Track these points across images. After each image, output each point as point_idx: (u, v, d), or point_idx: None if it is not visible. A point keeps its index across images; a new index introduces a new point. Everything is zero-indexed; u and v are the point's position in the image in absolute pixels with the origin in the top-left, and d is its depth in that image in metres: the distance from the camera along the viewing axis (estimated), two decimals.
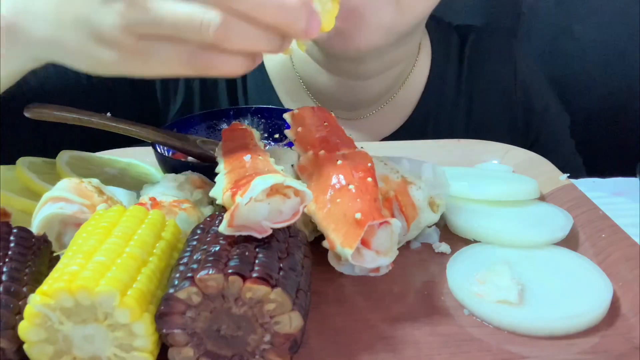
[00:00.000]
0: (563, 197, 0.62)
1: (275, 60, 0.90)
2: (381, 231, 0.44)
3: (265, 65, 0.90)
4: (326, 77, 0.85)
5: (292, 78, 0.89)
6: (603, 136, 1.28)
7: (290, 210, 0.42)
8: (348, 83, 0.85)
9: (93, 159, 0.67)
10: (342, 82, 0.85)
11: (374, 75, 0.84)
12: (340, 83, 0.85)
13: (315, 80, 0.87)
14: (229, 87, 0.91)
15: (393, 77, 0.87)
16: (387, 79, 0.86)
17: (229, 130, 0.59)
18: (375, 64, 0.81)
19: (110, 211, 0.44)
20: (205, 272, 0.36)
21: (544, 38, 1.29)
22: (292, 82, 0.89)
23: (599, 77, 1.28)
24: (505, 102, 0.94)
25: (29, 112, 0.56)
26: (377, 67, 0.82)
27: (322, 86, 0.87)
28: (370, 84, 0.85)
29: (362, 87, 0.85)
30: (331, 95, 0.87)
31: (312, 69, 0.86)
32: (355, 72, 0.82)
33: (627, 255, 0.50)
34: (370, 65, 0.81)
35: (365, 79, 0.84)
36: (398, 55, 0.83)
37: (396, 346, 0.42)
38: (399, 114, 0.91)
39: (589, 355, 0.41)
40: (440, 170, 0.57)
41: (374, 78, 0.84)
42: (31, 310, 0.35)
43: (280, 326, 0.37)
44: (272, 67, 0.90)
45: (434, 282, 0.50)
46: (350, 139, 0.55)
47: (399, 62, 0.86)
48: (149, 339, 0.36)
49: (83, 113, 0.59)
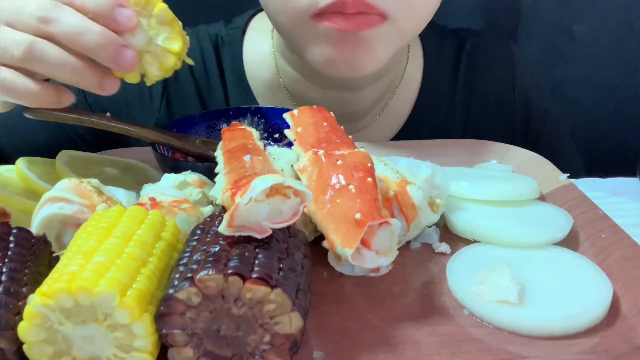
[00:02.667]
0: (563, 197, 0.62)
1: (261, 79, 0.88)
2: (381, 231, 0.44)
3: (250, 83, 0.88)
4: (317, 92, 0.84)
5: (280, 95, 0.88)
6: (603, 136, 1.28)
7: (290, 210, 0.42)
8: (339, 95, 0.83)
9: (93, 159, 0.67)
10: (333, 95, 0.83)
11: (365, 86, 0.83)
12: (331, 96, 0.83)
13: (305, 96, 0.85)
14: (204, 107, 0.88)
15: (384, 86, 0.86)
16: (378, 88, 0.85)
17: (228, 130, 0.59)
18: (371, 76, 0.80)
19: (110, 211, 0.44)
20: (205, 272, 0.36)
21: (544, 38, 1.29)
22: (280, 99, 0.87)
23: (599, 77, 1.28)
24: (504, 107, 0.93)
25: (29, 112, 0.56)
26: (370, 78, 0.81)
27: (314, 101, 0.84)
28: (362, 94, 0.84)
29: (353, 99, 0.84)
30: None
31: (302, 86, 0.85)
32: (346, 84, 0.81)
33: (627, 255, 0.50)
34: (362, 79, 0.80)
35: (356, 90, 0.83)
36: (389, 64, 0.82)
37: (396, 346, 0.42)
38: (392, 123, 0.90)
39: (589, 355, 0.41)
40: (440, 170, 0.57)
41: (365, 89, 0.83)
42: (31, 311, 0.35)
43: (280, 326, 0.37)
44: (256, 85, 0.88)
45: (434, 282, 0.50)
46: (350, 139, 0.55)
47: (389, 70, 0.85)
48: (148, 339, 0.36)
49: (83, 113, 0.59)
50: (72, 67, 0.51)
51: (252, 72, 0.88)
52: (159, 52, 0.55)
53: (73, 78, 0.52)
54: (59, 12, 0.50)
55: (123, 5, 0.52)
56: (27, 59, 0.50)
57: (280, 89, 0.87)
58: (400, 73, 0.89)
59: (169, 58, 0.56)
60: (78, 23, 0.50)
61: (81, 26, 0.50)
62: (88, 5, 0.51)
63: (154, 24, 0.54)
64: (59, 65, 0.51)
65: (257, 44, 0.89)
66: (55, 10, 0.50)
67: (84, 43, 0.50)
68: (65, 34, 0.50)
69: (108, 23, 0.51)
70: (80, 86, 0.53)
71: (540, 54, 1.29)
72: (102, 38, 0.50)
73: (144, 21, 0.54)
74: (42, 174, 0.58)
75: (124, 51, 0.51)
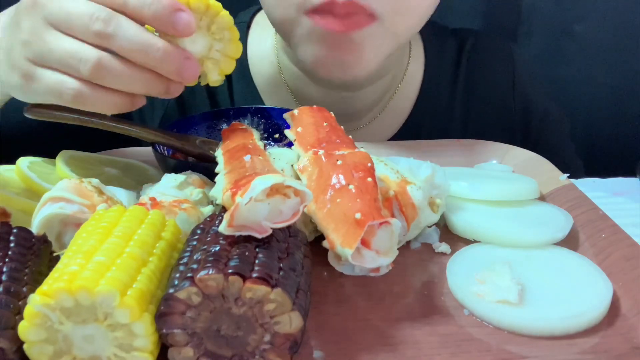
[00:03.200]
0: (563, 197, 0.62)
1: (264, 74, 0.89)
2: (381, 231, 0.44)
3: (254, 79, 0.89)
4: (317, 90, 0.84)
5: (282, 91, 0.88)
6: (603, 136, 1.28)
7: (290, 210, 0.42)
8: (339, 94, 0.84)
9: (93, 159, 0.67)
10: (334, 94, 0.84)
11: (365, 85, 0.83)
12: (332, 94, 0.84)
13: (306, 93, 0.86)
14: (213, 102, 0.90)
15: (384, 85, 0.86)
16: (378, 87, 0.85)
17: (229, 130, 0.59)
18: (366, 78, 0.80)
19: (110, 211, 0.44)
20: (205, 272, 0.36)
21: (544, 38, 1.29)
22: (282, 95, 0.88)
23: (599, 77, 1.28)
24: (504, 108, 0.93)
25: (29, 112, 0.56)
26: (368, 79, 0.81)
27: (314, 98, 0.85)
28: (362, 93, 0.84)
29: (353, 98, 0.84)
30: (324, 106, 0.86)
31: (303, 82, 0.85)
32: (346, 83, 0.81)
33: (627, 255, 0.50)
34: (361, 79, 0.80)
35: (356, 89, 0.83)
36: (388, 63, 0.82)
37: (396, 346, 0.42)
38: (392, 123, 0.90)
39: (589, 355, 0.41)
40: (440, 170, 0.57)
41: (365, 88, 0.83)
42: (31, 310, 0.35)
43: (280, 326, 0.37)
44: (260, 80, 0.89)
45: (434, 282, 0.50)
46: (350, 139, 0.55)
47: (389, 70, 0.85)
48: (149, 339, 0.36)
49: (83, 113, 0.59)
50: (140, 80, 0.50)
51: (255, 68, 0.89)
52: (219, 58, 0.55)
53: (142, 90, 0.51)
54: (115, 26, 0.48)
55: (182, 10, 0.50)
56: (94, 77, 0.49)
57: (282, 85, 0.88)
58: (401, 73, 0.89)
59: (229, 64, 0.56)
60: (138, 39, 0.49)
61: (142, 43, 0.49)
62: (145, 12, 0.49)
63: (215, 29, 0.54)
64: (127, 81, 0.50)
65: (261, 40, 0.89)
66: (112, 23, 0.48)
67: (146, 59, 0.49)
68: (126, 51, 0.49)
69: (166, 28, 0.50)
70: (148, 94, 0.52)
71: (540, 54, 1.29)
72: (165, 54, 0.49)
73: (204, 26, 0.53)
74: (42, 174, 0.58)
75: (187, 64, 0.51)
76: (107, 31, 0.49)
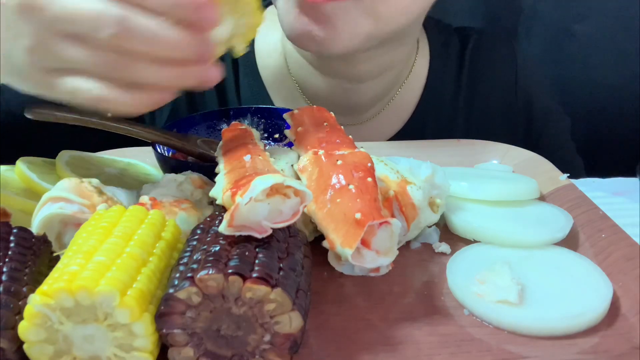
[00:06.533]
0: (563, 197, 0.62)
1: (270, 67, 0.89)
2: (381, 231, 0.44)
3: (260, 72, 0.89)
4: (322, 81, 0.85)
5: (288, 83, 0.89)
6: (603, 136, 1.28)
7: (290, 210, 0.42)
8: (344, 86, 0.84)
9: (93, 159, 0.67)
10: (338, 85, 0.84)
11: (369, 78, 0.83)
12: (336, 86, 0.84)
13: (311, 84, 0.87)
14: (220, 97, 0.90)
15: (389, 80, 0.86)
16: (382, 82, 0.85)
17: (229, 130, 0.59)
18: (368, 67, 0.80)
19: (110, 211, 0.44)
20: (205, 272, 0.36)
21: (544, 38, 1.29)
22: (288, 88, 0.89)
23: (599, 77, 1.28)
24: (506, 105, 0.93)
25: (29, 112, 0.56)
26: (371, 70, 0.81)
27: (319, 90, 0.86)
28: (366, 86, 0.84)
29: (357, 90, 0.85)
30: (328, 99, 0.86)
31: (308, 73, 0.86)
32: (349, 74, 0.82)
33: (627, 255, 0.50)
34: (362, 67, 0.80)
35: (360, 81, 0.83)
36: (392, 57, 0.82)
37: (396, 346, 0.42)
38: (396, 118, 0.90)
39: (589, 355, 0.41)
40: (440, 170, 0.57)
41: (369, 81, 0.83)
42: (31, 310, 0.35)
43: (280, 326, 0.37)
44: (266, 74, 0.90)
45: (434, 282, 0.50)
46: (350, 139, 0.55)
47: (395, 64, 0.85)
48: (148, 339, 0.36)
49: (83, 113, 0.59)
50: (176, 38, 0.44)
51: (262, 62, 0.89)
52: (243, 31, 0.53)
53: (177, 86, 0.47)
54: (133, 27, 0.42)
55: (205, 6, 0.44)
56: (120, 36, 0.42)
57: (287, 76, 0.88)
58: (408, 69, 0.90)
59: (253, 32, 0.54)
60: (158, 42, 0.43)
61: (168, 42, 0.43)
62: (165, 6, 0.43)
63: (240, 6, 0.52)
64: (159, 40, 0.43)
65: (269, 33, 0.90)
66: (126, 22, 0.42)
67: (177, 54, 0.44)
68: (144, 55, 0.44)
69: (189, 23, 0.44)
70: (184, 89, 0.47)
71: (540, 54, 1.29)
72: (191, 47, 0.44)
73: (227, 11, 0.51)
74: (42, 174, 0.58)
75: (209, 71, 0.46)
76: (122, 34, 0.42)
